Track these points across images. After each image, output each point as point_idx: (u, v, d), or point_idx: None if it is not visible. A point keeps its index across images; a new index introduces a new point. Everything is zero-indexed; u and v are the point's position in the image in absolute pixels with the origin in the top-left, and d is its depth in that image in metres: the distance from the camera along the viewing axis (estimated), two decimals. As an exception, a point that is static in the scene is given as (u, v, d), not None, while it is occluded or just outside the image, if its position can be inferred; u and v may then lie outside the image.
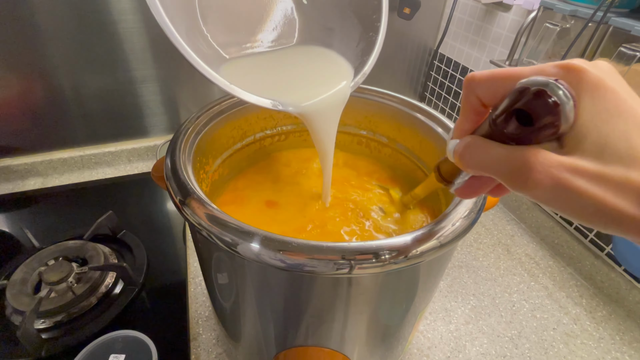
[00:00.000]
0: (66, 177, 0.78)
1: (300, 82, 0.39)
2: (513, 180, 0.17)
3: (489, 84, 0.19)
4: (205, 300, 0.54)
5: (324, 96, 0.36)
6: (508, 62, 0.67)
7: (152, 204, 0.71)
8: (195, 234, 0.33)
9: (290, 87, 0.37)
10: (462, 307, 0.57)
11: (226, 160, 0.47)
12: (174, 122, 0.84)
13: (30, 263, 0.53)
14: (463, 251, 0.67)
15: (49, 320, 0.48)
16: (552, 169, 0.16)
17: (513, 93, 0.16)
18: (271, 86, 0.37)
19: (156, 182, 0.37)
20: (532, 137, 0.17)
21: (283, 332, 0.34)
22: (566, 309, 0.57)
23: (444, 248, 0.27)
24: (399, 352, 0.42)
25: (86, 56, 0.69)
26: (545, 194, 0.16)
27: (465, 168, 0.20)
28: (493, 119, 0.18)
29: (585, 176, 0.16)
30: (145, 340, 0.43)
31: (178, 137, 0.37)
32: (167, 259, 0.60)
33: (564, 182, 0.16)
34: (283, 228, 0.40)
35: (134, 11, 0.67)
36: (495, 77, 0.19)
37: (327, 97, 0.37)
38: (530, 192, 0.17)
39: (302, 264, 0.25)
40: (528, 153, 0.16)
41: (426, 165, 0.46)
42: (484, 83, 0.19)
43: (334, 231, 0.40)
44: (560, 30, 0.57)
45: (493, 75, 0.19)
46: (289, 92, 0.36)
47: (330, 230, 0.40)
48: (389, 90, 0.48)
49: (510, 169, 0.17)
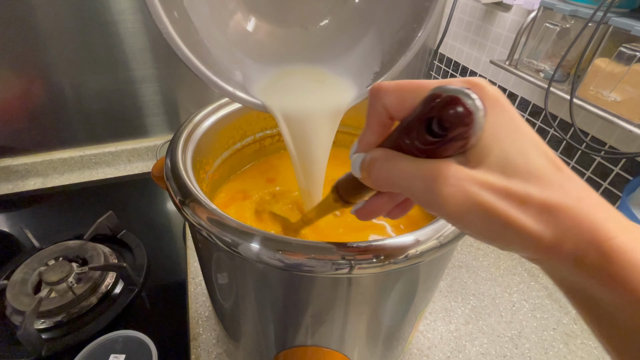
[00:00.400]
0: (66, 177, 0.78)
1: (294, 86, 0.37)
2: (425, 195, 0.17)
3: (396, 94, 0.19)
4: (205, 300, 0.54)
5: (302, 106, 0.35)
6: (508, 62, 0.67)
7: (152, 204, 0.71)
8: (195, 234, 0.33)
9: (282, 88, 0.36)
10: (462, 307, 0.57)
11: (226, 160, 0.47)
12: (174, 122, 0.84)
13: (30, 263, 0.53)
14: (463, 251, 0.67)
15: (49, 320, 0.48)
16: (464, 182, 0.16)
17: (426, 100, 0.16)
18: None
19: (156, 182, 0.37)
20: (443, 149, 0.16)
21: (283, 332, 0.34)
22: (566, 309, 0.57)
23: (444, 248, 0.27)
24: (399, 352, 0.42)
25: (86, 56, 0.69)
26: (456, 209, 0.16)
27: (373, 184, 0.19)
28: (403, 128, 0.17)
29: (492, 190, 0.15)
30: (145, 340, 0.43)
31: (178, 137, 0.37)
32: (167, 259, 0.60)
33: (475, 196, 0.15)
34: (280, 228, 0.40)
35: (134, 11, 0.67)
36: (404, 88, 0.18)
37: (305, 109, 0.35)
38: (441, 208, 0.16)
39: (302, 264, 0.25)
40: (440, 166, 0.16)
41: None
42: (392, 93, 0.19)
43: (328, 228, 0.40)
44: (560, 30, 0.57)
45: (401, 85, 0.19)
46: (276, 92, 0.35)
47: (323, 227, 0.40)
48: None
49: (421, 184, 0.16)
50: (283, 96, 0.35)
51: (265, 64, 0.38)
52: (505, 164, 0.16)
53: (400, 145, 0.18)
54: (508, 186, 0.15)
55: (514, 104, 0.72)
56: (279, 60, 0.38)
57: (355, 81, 0.37)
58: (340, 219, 0.42)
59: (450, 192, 0.16)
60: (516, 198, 0.15)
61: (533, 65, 0.63)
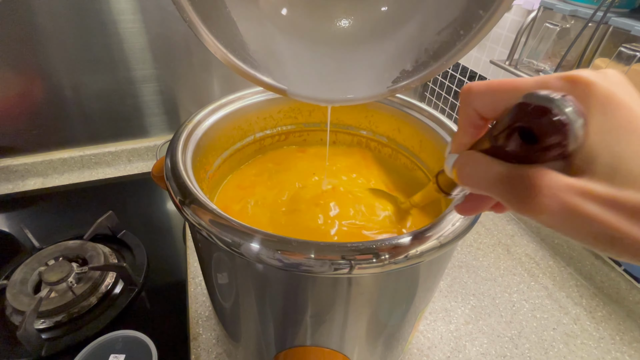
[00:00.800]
0: (66, 177, 0.78)
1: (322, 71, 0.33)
2: (516, 203, 0.16)
3: (487, 96, 0.18)
4: (205, 300, 0.54)
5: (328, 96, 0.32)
6: (508, 62, 0.67)
7: (152, 204, 0.71)
8: (195, 234, 0.33)
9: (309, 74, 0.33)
10: (462, 307, 0.57)
11: (226, 160, 0.47)
12: (174, 122, 0.84)
13: (30, 263, 0.53)
14: (463, 251, 0.67)
15: (49, 320, 0.48)
16: (561, 192, 0.14)
17: (514, 109, 0.15)
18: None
19: (156, 182, 0.37)
20: (537, 156, 0.15)
21: (283, 332, 0.34)
22: (566, 309, 0.57)
23: (444, 248, 0.27)
24: (399, 352, 0.42)
25: (86, 56, 0.69)
26: (552, 219, 0.15)
27: (464, 186, 0.19)
28: (494, 135, 0.17)
29: (597, 201, 0.14)
30: (145, 340, 0.43)
31: (178, 137, 0.37)
32: (167, 259, 0.60)
33: (573, 207, 0.14)
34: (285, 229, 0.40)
35: (133, 11, 0.67)
36: (494, 89, 0.17)
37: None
38: (535, 217, 0.15)
39: (302, 264, 0.25)
40: (533, 174, 0.15)
41: (426, 165, 0.46)
42: (482, 95, 0.18)
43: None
44: (560, 30, 0.57)
45: (491, 86, 0.18)
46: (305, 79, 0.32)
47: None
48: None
49: (513, 191, 0.16)
50: (303, 82, 0.32)
51: (294, 46, 0.33)
52: (616, 171, 0.14)
53: (492, 148, 0.17)
54: (617, 196, 0.14)
55: (514, 104, 0.72)
56: (308, 42, 0.34)
57: (380, 77, 0.32)
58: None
59: (545, 203, 0.15)
60: (626, 208, 0.14)
61: (533, 65, 0.63)
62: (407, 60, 0.30)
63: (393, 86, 0.31)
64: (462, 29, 0.26)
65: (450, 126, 0.41)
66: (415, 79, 0.30)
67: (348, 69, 0.33)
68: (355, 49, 0.33)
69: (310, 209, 0.42)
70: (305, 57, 0.33)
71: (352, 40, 0.34)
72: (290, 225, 0.41)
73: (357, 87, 0.32)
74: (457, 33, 0.27)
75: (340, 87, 0.32)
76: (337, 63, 0.33)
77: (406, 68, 0.30)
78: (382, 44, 0.32)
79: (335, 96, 0.32)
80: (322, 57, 0.33)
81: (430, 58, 0.29)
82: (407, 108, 0.46)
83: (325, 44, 0.34)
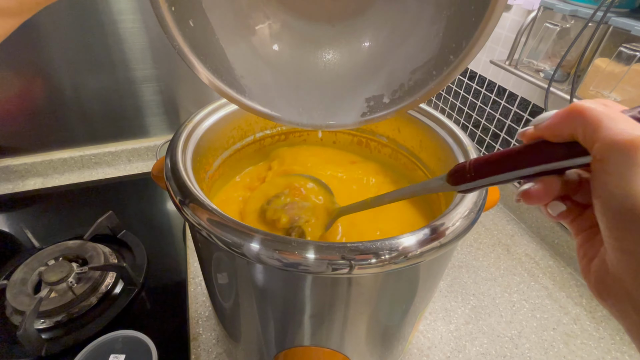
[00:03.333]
0: (66, 177, 0.78)
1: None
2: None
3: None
4: (205, 300, 0.54)
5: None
6: (508, 61, 0.67)
7: (152, 204, 0.71)
8: (195, 234, 0.33)
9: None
10: (462, 307, 0.57)
11: (226, 160, 0.47)
12: (174, 122, 0.84)
13: (30, 263, 0.53)
14: (463, 251, 0.67)
15: (49, 320, 0.48)
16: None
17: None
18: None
19: (156, 182, 0.37)
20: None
21: (283, 332, 0.34)
22: (566, 309, 0.57)
23: (444, 248, 0.27)
24: (399, 352, 0.42)
25: (86, 56, 0.69)
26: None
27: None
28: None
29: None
30: (145, 340, 0.43)
31: (178, 137, 0.37)
32: (167, 259, 0.60)
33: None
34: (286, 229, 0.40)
35: (133, 11, 0.67)
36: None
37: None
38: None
39: (301, 264, 0.25)
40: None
41: (426, 166, 0.46)
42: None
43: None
44: (560, 30, 0.57)
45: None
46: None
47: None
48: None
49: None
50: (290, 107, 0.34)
51: (280, 74, 0.35)
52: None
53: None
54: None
55: (513, 104, 0.72)
56: (294, 72, 0.36)
57: (359, 106, 0.34)
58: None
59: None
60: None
61: (533, 65, 0.63)
62: (385, 93, 0.32)
63: (370, 116, 0.33)
64: (435, 70, 0.29)
65: (450, 126, 0.41)
66: (390, 111, 0.32)
67: (330, 97, 0.35)
68: (338, 80, 0.35)
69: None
70: (291, 86, 0.35)
71: (335, 71, 0.36)
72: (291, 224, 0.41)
73: (338, 114, 0.34)
74: (430, 73, 0.29)
75: (321, 114, 0.34)
76: (320, 92, 0.35)
77: (384, 100, 0.32)
78: (363, 76, 0.34)
79: (316, 122, 0.34)
80: (307, 86, 0.35)
81: (406, 93, 0.31)
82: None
83: (310, 74, 0.35)
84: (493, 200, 0.37)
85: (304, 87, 0.35)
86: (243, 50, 0.33)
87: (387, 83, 0.33)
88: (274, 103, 0.33)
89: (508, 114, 0.75)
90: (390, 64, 0.33)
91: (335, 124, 0.34)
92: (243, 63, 0.32)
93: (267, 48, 0.34)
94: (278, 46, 0.35)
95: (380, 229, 0.42)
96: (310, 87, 0.35)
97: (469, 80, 0.84)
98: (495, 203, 0.38)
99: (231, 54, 0.31)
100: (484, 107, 0.81)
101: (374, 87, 0.33)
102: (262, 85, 0.33)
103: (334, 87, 0.35)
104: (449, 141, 0.40)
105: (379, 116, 0.32)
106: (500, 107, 0.76)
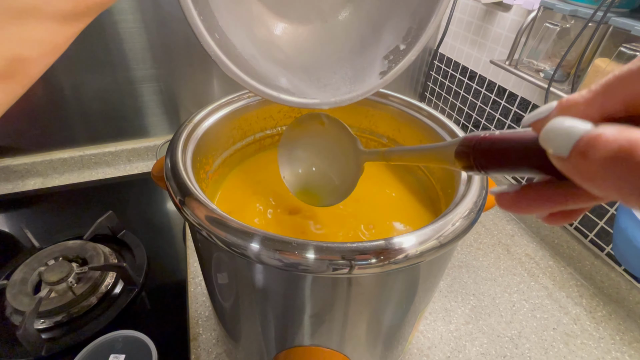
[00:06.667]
0: (66, 177, 0.78)
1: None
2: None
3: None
4: (205, 300, 0.54)
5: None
6: (508, 62, 0.67)
7: (152, 204, 0.71)
8: (195, 234, 0.33)
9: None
10: (462, 307, 0.57)
11: (226, 160, 0.47)
12: (174, 122, 0.84)
13: (30, 263, 0.53)
14: (463, 251, 0.67)
15: (49, 320, 0.48)
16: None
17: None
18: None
19: (156, 182, 0.37)
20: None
21: (283, 332, 0.34)
22: (566, 309, 0.57)
23: (444, 248, 0.27)
24: (399, 352, 0.42)
25: (86, 56, 0.69)
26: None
27: (584, 180, 0.12)
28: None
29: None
30: (145, 340, 0.43)
31: (178, 137, 0.37)
32: (167, 259, 0.60)
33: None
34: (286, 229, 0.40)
35: (133, 11, 0.67)
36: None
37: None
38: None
39: (301, 264, 0.25)
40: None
41: (426, 166, 0.46)
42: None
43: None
44: (560, 30, 0.57)
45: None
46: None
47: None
48: (389, 90, 0.48)
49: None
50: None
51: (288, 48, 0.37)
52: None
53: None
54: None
55: (513, 104, 0.72)
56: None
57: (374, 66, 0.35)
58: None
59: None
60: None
61: (533, 65, 0.63)
62: (399, 43, 0.35)
63: (395, 67, 0.34)
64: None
65: (450, 126, 0.41)
66: (411, 55, 0.34)
67: (351, 69, 0.36)
68: (355, 49, 0.37)
69: (311, 210, 0.42)
70: (312, 69, 0.36)
71: (351, 40, 0.37)
72: (291, 224, 0.41)
73: (365, 81, 0.35)
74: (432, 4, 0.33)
75: (348, 88, 0.35)
76: (341, 67, 0.37)
77: (400, 49, 0.35)
78: (376, 36, 0.37)
79: (347, 96, 0.34)
80: (327, 64, 0.37)
81: (416, 33, 0.34)
82: (407, 108, 0.46)
83: (328, 51, 0.37)
84: (493, 200, 0.37)
85: (325, 68, 0.37)
86: (248, 30, 0.34)
87: (397, 33, 0.35)
88: (307, 93, 0.34)
89: (508, 114, 0.75)
90: (395, 14, 0.35)
91: (367, 90, 0.34)
92: (272, 66, 0.33)
93: (283, 39, 0.36)
94: (289, 31, 0.37)
95: (377, 226, 0.42)
96: (331, 64, 0.37)
97: (469, 80, 0.84)
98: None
99: (237, 37, 0.32)
100: (484, 107, 0.81)
101: (388, 42, 0.35)
102: (292, 79, 0.34)
103: (353, 57, 0.37)
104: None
105: (403, 64, 0.34)
106: (500, 107, 0.76)
